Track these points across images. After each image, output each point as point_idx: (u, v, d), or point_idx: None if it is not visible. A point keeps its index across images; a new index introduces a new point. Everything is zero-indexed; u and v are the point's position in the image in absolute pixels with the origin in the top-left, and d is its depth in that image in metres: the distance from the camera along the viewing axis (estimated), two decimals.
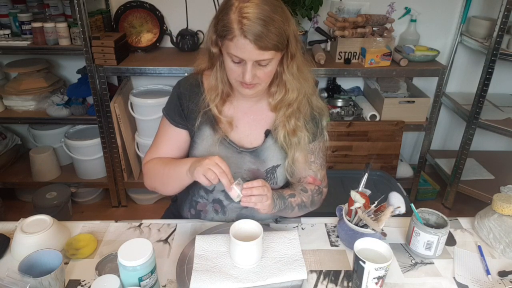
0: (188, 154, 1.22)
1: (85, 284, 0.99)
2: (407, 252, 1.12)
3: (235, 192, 1.00)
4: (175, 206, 1.39)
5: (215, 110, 1.13)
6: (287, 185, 1.24)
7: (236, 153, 1.16)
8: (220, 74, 1.10)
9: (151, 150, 1.23)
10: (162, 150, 1.21)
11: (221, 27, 0.97)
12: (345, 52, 2.26)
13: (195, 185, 1.17)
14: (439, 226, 1.10)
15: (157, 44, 2.45)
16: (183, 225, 1.21)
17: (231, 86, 1.13)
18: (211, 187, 1.18)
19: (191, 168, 1.04)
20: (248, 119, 1.17)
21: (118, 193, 2.53)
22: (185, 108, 1.16)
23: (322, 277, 1.03)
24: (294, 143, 1.13)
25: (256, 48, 0.95)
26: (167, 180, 1.16)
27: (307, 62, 1.12)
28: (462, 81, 2.71)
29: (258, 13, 0.93)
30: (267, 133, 1.16)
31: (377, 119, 2.34)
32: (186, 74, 1.85)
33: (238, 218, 1.18)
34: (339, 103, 2.42)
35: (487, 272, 1.05)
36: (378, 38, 2.24)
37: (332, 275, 1.03)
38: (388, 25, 2.35)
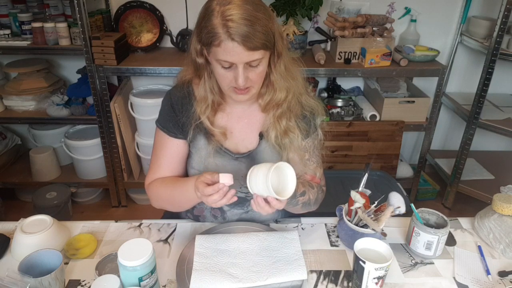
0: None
1: (85, 284, 0.99)
2: (407, 252, 1.12)
3: (226, 181, 0.94)
4: None
5: (207, 122, 1.10)
6: None
7: (232, 160, 1.14)
8: (209, 84, 1.08)
9: (152, 169, 1.18)
10: (164, 166, 1.16)
11: (206, 34, 0.95)
12: (345, 52, 2.26)
13: None
14: (439, 226, 1.10)
15: (157, 44, 2.45)
16: (183, 225, 1.21)
17: (222, 95, 1.11)
18: None
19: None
20: (243, 123, 1.15)
21: (118, 193, 2.53)
22: (180, 119, 1.14)
23: (322, 277, 1.03)
24: (287, 144, 1.11)
25: (245, 49, 0.93)
26: (178, 204, 1.15)
27: (295, 61, 1.10)
28: (462, 81, 2.71)
29: (242, 13, 0.91)
30: (261, 135, 1.15)
31: (377, 119, 2.34)
32: None
33: (238, 221, 1.19)
34: (339, 103, 2.42)
35: (487, 272, 1.05)
36: (378, 38, 2.24)
37: (332, 275, 1.03)
38: (388, 25, 2.35)
